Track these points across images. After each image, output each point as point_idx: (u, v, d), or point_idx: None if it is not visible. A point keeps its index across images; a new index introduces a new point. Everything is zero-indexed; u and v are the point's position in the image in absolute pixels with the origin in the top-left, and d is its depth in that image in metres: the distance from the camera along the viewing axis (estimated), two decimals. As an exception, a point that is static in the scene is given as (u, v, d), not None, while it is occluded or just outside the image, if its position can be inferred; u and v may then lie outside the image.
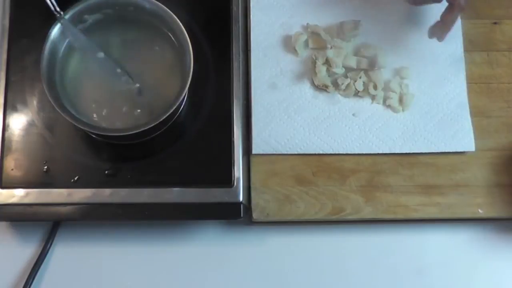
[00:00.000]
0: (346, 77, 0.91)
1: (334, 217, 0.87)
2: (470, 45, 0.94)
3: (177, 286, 0.87)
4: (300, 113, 0.90)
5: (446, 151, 0.89)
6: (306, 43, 0.93)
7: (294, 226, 0.89)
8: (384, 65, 0.91)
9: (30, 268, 0.85)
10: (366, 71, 0.91)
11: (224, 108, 0.87)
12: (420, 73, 0.92)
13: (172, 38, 0.83)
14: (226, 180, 0.85)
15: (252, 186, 0.87)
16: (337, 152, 0.89)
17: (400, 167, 0.89)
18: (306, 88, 0.91)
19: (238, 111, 0.87)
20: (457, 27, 0.94)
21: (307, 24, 0.94)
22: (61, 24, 0.80)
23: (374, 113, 0.91)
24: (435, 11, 0.94)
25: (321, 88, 0.91)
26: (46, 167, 0.85)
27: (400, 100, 0.91)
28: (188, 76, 0.81)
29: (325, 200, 0.87)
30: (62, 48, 0.83)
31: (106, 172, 0.85)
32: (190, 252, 0.88)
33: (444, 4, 0.88)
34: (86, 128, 0.81)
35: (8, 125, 0.86)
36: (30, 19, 0.89)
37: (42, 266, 0.86)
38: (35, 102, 0.87)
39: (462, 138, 0.90)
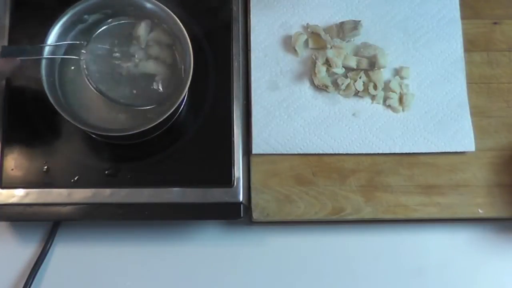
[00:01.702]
0: (346, 77, 0.91)
1: (334, 217, 0.87)
2: (470, 45, 0.94)
3: (177, 286, 0.87)
4: (300, 113, 0.90)
5: (446, 151, 0.89)
6: (306, 43, 0.93)
7: (294, 226, 0.89)
8: (384, 65, 0.91)
9: (30, 268, 0.85)
10: (366, 71, 0.91)
11: (224, 108, 0.87)
12: (420, 73, 0.92)
13: (172, 38, 0.83)
14: (226, 180, 0.85)
15: (252, 186, 0.87)
16: (337, 152, 0.89)
17: (400, 167, 0.89)
18: (306, 88, 0.91)
19: (238, 111, 0.87)
20: (457, 27, 0.94)
21: (307, 24, 0.94)
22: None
23: (374, 113, 0.91)
24: (436, 11, 0.95)
25: (321, 88, 0.91)
26: (46, 167, 0.85)
27: (400, 100, 0.91)
28: (188, 76, 0.81)
29: (325, 200, 0.87)
30: (62, 49, 0.82)
31: (106, 172, 0.85)
32: (190, 252, 0.88)
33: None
34: (86, 128, 0.81)
35: (8, 125, 0.86)
36: (30, 19, 0.89)
37: (42, 266, 0.86)
38: (35, 102, 0.87)
39: (462, 138, 0.90)
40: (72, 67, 0.83)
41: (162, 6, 0.82)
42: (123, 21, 0.83)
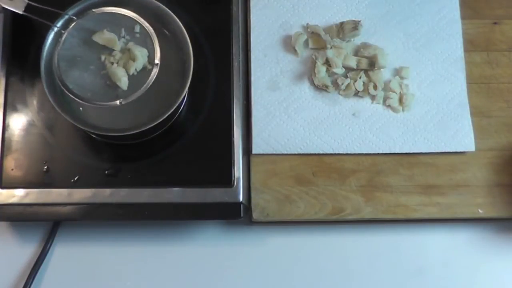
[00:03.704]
0: (346, 77, 0.91)
1: (334, 217, 0.87)
2: (470, 45, 0.94)
3: (177, 286, 0.87)
4: (300, 113, 0.90)
5: (446, 151, 0.89)
6: (306, 43, 0.93)
7: (294, 226, 0.89)
8: (384, 65, 0.91)
9: (30, 268, 0.85)
10: (366, 71, 0.91)
11: (224, 108, 0.87)
12: (420, 73, 0.92)
13: (172, 38, 0.83)
14: (226, 180, 0.85)
15: (252, 186, 0.87)
16: (337, 152, 0.89)
17: (400, 167, 0.89)
18: (306, 88, 0.91)
19: (238, 111, 0.87)
20: (457, 27, 0.94)
21: (307, 24, 0.94)
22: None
23: (374, 113, 0.91)
24: (436, 11, 0.95)
25: (321, 88, 0.91)
26: (46, 167, 0.85)
27: (400, 100, 0.91)
28: (188, 76, 0.81)
29: (325, 200, 0.87)
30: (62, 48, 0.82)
31: (106, 172, 0.85)
32: (190, 252, 0.88)
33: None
34: (86, 128, 0.81)
35: (8, 125, 0.86)
36: (31, 19, 0.89)
37: (42, 266, 0.86)
38: (35, 102, 0.87)
39: (462, 138, 0.90)
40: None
41: (162, 6, 0.82)
42: (121, 13, 0.81)
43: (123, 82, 0.78)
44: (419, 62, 0.93)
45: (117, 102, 0.78)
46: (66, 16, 0.80)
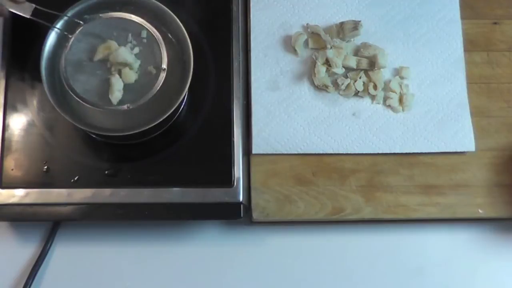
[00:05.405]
0: (346, 77, 0.91)
1: (334, 217, 0.87)
2: (470, 45, 0.94)
3: (177, 286, 0.87)
4: (300, 113, 0.90)
5: (446, 151, 0.89)
6: (306, 43, 0.93)
7: (294, 226, 0.89)
8: (384, 65, 0.91)
9: (30, 268, 0.85)
10: (366, 71, 0.91)
11: (224, 108, 0.88)
12: (420, 73, 0.92)
13: (172, 38, 0.83)
14: (226, 180, 0.85)
15: (252, 186, 0.87)
16: (337, 152, 0.89)
17: (400, 167, 0.89)
18: (306, 88, 0.91)
19: (238, 111, 0.88)
20: (457, 27, 0.94)
21: (307, 24, 0.94)
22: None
23: (374, 113, 0.91)
24: (436, 11, 0.95)
25: (321, 88, 0.91)
26: (46, 167, 0.85)
27: (400, 100, 0.91)
28: (188, 76, 0.81)
29: (325, 200, 0.87)
30: (62, 48, 0.82)
31: (106, 172, 0.85)
32: (190, 252, 0.88)
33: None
34: (86, 128, 0.81)
35: (8, 125, 0.86)
36: (31, 19, 0.89)
37: (42, 266, 0.86)
38: (35, 102, 0.87)
39: (462, 138, 0.90)
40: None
41: (162, 6, 0.82)
42: (128, 18, 0.81)
43: (115, 97, 0.78)
44: (419, 62, 0.93)
45: (125, 106, 0.78)
46: (66, 18, 0.80)
